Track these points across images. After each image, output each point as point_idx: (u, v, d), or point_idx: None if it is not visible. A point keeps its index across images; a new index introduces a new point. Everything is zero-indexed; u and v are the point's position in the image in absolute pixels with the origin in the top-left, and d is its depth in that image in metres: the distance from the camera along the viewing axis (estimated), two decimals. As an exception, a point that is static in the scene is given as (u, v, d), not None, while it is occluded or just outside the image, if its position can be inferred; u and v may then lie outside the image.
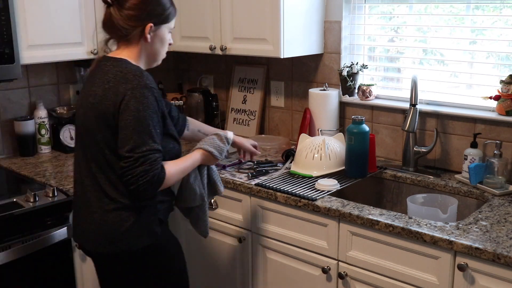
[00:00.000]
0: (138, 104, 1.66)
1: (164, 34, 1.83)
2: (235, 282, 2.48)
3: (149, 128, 1.67)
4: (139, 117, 1.66)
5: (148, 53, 1.83)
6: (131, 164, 1.64)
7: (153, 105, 1.69)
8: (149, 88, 1.69)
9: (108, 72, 1.74)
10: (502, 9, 2.32)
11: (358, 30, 2.73)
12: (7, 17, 2.26)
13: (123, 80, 1.69)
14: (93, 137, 1.74)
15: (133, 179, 1.65)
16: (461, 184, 2.27)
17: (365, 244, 1.99)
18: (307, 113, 2.71)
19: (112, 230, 1.75)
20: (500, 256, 1.64)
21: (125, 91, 1.67)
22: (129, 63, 1.76)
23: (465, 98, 2.42)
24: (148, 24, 1.76)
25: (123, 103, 1.66)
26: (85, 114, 1.77)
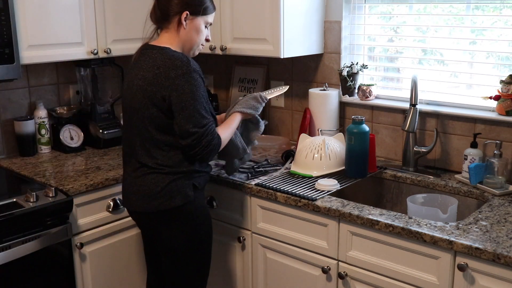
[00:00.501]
0: (191, 86, 1.94)
1: (199, 25, 2.07)
2: (235, 282, 2.49)
3: (204, 105, 1.97)
4: (195, 97, 1.94)
5: (184, 41, 2.07)
6: (198, 138, 1.94)
7: (202, 85, 1.98)
8: (196, 71, 1.96)
9: (156, 59, 1.98)
10: (502, 9, 2.32)
11: (358, 30, 2.73)
12: (7, 17, 2.26)
13: (173, 66, 1.94)
14: (140, 114, 2.00)
15: (200, 150, 1.96)
16: (461, 184, 2.27)
17: (365, 244, 1.99)
18: (307, 113, 2.71)
19: (149, 190, 2.02)
20: (500, 256, 1.64)
21: (176, 76, 1.93)
22: (174, 50, 2.02)
23: (465, 98, 2.42)
24: (185, 12, 2.02)
25: (178, 87, 1.92)
26: (133, 95, 2.03)
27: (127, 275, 2.53)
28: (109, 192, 2.40)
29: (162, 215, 2.03)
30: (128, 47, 2.74)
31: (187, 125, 1.94)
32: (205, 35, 2.12)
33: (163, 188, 2.00)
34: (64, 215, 2.21)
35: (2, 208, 2.06)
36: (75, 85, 2.97)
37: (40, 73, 2.83)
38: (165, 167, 2.01)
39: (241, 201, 2.36)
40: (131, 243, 2.51)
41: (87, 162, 2.65)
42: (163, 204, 2.01)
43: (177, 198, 2.01)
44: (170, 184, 2.01)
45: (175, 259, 2.11)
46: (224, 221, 2.46)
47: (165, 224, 2.06)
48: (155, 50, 2.02)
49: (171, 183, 2.01)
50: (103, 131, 2.87)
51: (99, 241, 2.39)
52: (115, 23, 2.68)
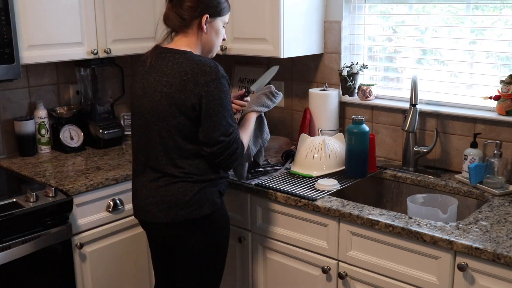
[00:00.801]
0: (221, 93, 1.88)
1: (218, 26, 2.02)
2: (235, 282, 2.49)
3: (230, 112, 1.93)
4: (223, 104, 1.89)
5: (204, 44, 2.01)
6: (224, 146, 1.90)
7: (228, 92, 1.93)
8: (224, 77, 1.92)
9: (182, 64, 1.89)
10: (502, 9, 2.32)
11: (358, 30, 2.73)
12: (7, 17, 2.25)
13: (202, 72, 1.87)
14: (165, 123, 1.90)
15: (225, 159, 1.92)
16: (461, 184, 2.27)
17: (365, 244, 1.99)
18: (307, 113, 2.71)
19: (176, 199, 1.93)
20: (500, 256, 1.64)
21: (206, 82, 1.86)
22: (198, 55, 1.96)
23: (465, 98, 2.43)
24: (205, 15, 1.95)
25: (207, 94, 1.86)
26: (156, 102, 1.92)
27: (127, 275, 2.53)
28: (109, 192, 2.39)
29: (189, 224, 1.95)
30: (128, 47, 2.74)
31: (214, 133, 1.88)
32: (223, 35, 2.08)
33: (191, 197, 1.92)
34: (64, 215, 2.21)
35: (2, 208, 2.06)
36: (75, 85, 2.97)
37: (40, 73, 2.83)
38: (192, 175, 1.93)
39: (241, 201, 2.36)
40: (131, 243, 2.51)
41: (87, 162, 2.65)
42: (192, 213, 1.93)
43: (206, 206, 1.95)
44: (200, 193, 1.93)
45: (194, 267, 2.04)
46: (224, 221, 2.46)
47: (190, 233, 1.98)
48: (177, 55, 1.92)
49: (200, 191, 1.94)
50: (103, 131, 2.87)
51: (99, 241, 2.39)
52: (115, 23, 2.68)
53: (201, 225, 1.97)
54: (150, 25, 2.80)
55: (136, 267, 2.55)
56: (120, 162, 2.60)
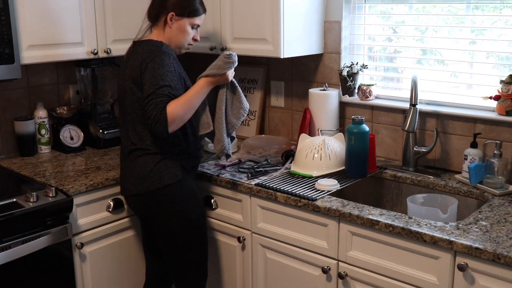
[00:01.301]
0: (155, 64, 2.07)
1: (184, 26, 2.22)
2: (235, 282, 2.49)
3: (159, 80, 2.04)
4: (154, 74, 2.05)
5: (169, 39, 2.23)
6: (145, 109, 2.04)
7: (168, 65, 2.09)
8: (165, 53, 2.11)
9: (139, 50, 2.16)
10: (502, 9, 2.32)
11: (358, 30, 2.73)
12: (7, 17, 2.25)
13: (148, 51, 2.12)
14: (129, 100, 2.16)
15: (149, 121, 2.04)
16: (461, 184, 2.27)
17: (365, 244, 1.99)
18: (307, 113, 2.71)
19: (139, 171, 2.16)
20: (500, 256, 1.64)
21: (146, 57, 2.09)
22: (155, 40, 2.18)
23: (465, 98, 2.42)
24: (170, 13, 2.19)
25: (145, 66, 2.07)
26: (123, 84, 2.19)
27: (127, 275, 2.53)
28: (109, 192, 2.39)
29: (153, 196, 2.15)
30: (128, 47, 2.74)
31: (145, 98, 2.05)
32: (191, 35, 2.26)
33: (152, 168, 2.13)
34: (64, 215, 2.21)
35: (2, 208, 2.06)
36: (75, 85, 2.97)
37: (40, 73, 2.83)
38: (153, 147, 2.14)
39: (241, 201, 2.36)
40: (131, 243, 2.52)
41: (87, 162, 2.65)
42: (154, 184, 2.13)
43: (165, 177, 2.14)
44: (159, 164, 2.14)
45: (171, 243, 2.22)
46: (224, 221, 2.46)
47: (157, 205, 2.16)
48: (142, 44, 2.19)
49: (159, 163, 2.14)
50: (103, 131, 2.87)
51: (99, 241, 2.39)
52: (115, 23, 2.68)
53: (164, 196, 2.15)
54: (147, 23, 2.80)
55: (136, 267, 2.55)
56: (120, 162, 2.61)
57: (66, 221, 2.22)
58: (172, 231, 2.20)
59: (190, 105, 2.13)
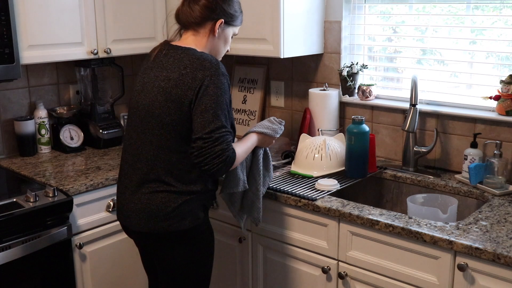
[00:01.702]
0: (217, 89, 1.78)
1: (229, 34, 1.98)
2: (235, 282, 2.49)
3: (225, 112, 1.79)
4: (218, 101, 1.77)
5: (212, 48, 1.95)
6: (211, 143, 1.74)
7: (228, 91, 1.83)
8: (224, 75, 1.83)
9: (183, 59, 1.83)
10: (502, 9, 2.32)
11: (358, 30, 2.73)
12: (7, 17, 2.25)
13: (201, 67, 1.80)
14: (159, 120, 1.83)
15: (210, 158, 1.74)
16: (461, 184, 2.27)
17: (365, 244, 1.99)
18: (307, 113, 2.71)
19: (158, 210, 1.84)
20: (500, 256, 1.64)
21: (204, 77, 1.78)
22: (200, 51, 1.88)
23: (465, 98, 2.42)
24: (220, 20, 1.91)
25: (202, 88, 1.77)
26: (153, 98, 1.85)
27: (127, 275, 2.53)
28: (109, 192, 2.39)
29: (169, 237, 1.89)
30: (128, 47, 2.74)
31: (202, 129, 1.75)
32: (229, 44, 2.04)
33: (174, 209, 1.84)
34: (64, 215, 2.21)
35: (2, 208, 2.06)
36: (75, 85, 2.97)
37: (40, 73, 2.83)
38: (178, 184, 1.85)
39: (241, 201, 2.36)
40: (131, 243, 2.50)
41: (87, 162, 2.65)
42: (173, 225, 1.85)
43: (187, 220, 1.87)
44: (182, 205, 1.85)
45: (174, 280, 1.99)
46: (224, 221, 2.46)
47: (170, 246, 1.91)
48: (180, 51, 1.87)
49: (183, 204, 1.85)
50: (103, 131, 2.87)
51: (99, 241, 2.39)
52: (115, 23, 2.68)
53: (181, 238, 1.89)
54: (150, 25, 2.80)
55: (136, 267, 2.55)
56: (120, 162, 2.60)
57: (66, 221, 2.22)
58: (178, 273, 1.96)
59: (245, 156, 1.98)
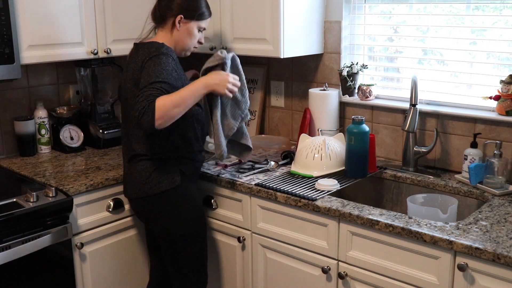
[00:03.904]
0: (153, 63, 2.02)
1: (192, 29, 2.21)
2: (235, 282, 2.49)
3: (153, 77, 1.97)
4: (149, 71, 2.00)
5: (176, 41, 2.21)
6: (134, 101, 1.98)
7: (167, 65, 2.03)
8: (165, 54, 2.06)
9: (140, 52, 2.12)
10: (502, 9, 2.32)
11: (358, 30, 2.73)
12: (7, 17, 2.26)
13: (148, 52, 2.07)
14: (130, 103, 2.09)
15: (136, 113, 1.93)
16: (461, 184, 2.27)
17: (365, 244, 1.99)
18: (307, 113, 2.71)
19: (138, 177, 2.16)
20: (500, 256, 1.64)
21: (147, 59, 2.04)
22: (156, 42, 2.14)
23: (465, 98, 2.42)
24: (179, 15, 2.17)
25: (145, 69, 2.02)
26: (125, 87, 2.16)
27: (127, 275, 2.53)
28: (109, 192, 2.40)
29: (152, 200, 2.15)
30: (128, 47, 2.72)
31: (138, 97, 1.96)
32: (197, 38, 2.26)
33: (151, 173, 2.14)
34: (64, 215, 2.21)
35: (2, 208, 2.06)
36: (75, 85, 2.97)
37: (40, 73, 2.83)
38: (155, 153, 2.13)
39: (241, 201, 2.36)
40: (131, 243, 2.52)
41: (87, 162, 2.65)
42: (152, 189, 2.13)
43: (164, 183, 2.14)
44: (158, 170, 2.14)
45: (170, 243, 2.22)
46: (224, 221, 2.46)
47: (156, 209, 2.17)
48: (145, 46, 2.14)
49: (158, 168, 2.14)
50: (103, 131, 2.87)
51: (99, 241, 2.39)
52: (115, 23, 2.68)
53: (163, 201, 2.15)
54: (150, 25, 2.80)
55: (136, 267, 2.55)
56: (120, 162, 2.60)
57: (66, 221, 2.22)
58: (171, 236, 2.21)
59: (182, 102, 1.97)
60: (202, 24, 2.25)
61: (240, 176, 2.38)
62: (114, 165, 2.57)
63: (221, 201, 2.45)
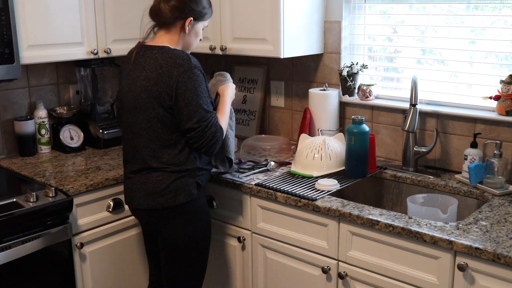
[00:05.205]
0: (194, 82, 2.00)
1: (199, 29, 2.18)
2: (235, 282, 2.49)
3: (206, 100, 2.03)
4: (197, 92, 2.00)
5: (184, 43, 2.16)
6: (201, 131, 2.00)
7: (203, 80, 2.04)
8: (197, 68, 2.03)
9: (158, 58, 2.02)
10: (502, 9, 2.32)
11: (358, 30, 2.73)
12: (7, 17, 2.25)
13: (175, 64, 1.99)
14: (146, 115, 2.04)
15: (205, 143, 2.02)
16: (461, 184, 2.27)
17: (365, 244, 1.99)
18: (307, 113, 2.71)
19: (154, 187, 2.06)
20: (500, 256, 1.64)
21: (179, 74, 1.98)
22: (173, 48, 2.07)
23: (465, 98, 2.42)
24: (189, 18, 2.10)
25: (180, 84, 1.97)
26: (137, 96, 2.06)
27: (127, 275, 2.53)
28: (109, 192, 2.40)
29: (166, 212, 2.08)
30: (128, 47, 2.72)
31: (191, 120, 1.99)
32: (200, 36, 2.23)
33: (168, 185, 2.05)
34: (64, 215, 2.21)
35: (2, 208, 2.06)
36: (75, 85, 2.97)
37: (40, 73, 2.83)
38: (170, 165, 2.05)
39: (241, 201, 2.36)
40: (131, 243, 2.51)
41: (87, 162, 2.65)
42: (168, 201, 2.06)
43: (181, 196, 2.06)
44: (175, 182, 2.06)
45: (174, 256, 2.15)
46: (224, 221, 2.46)
47: (168, 221, 2.10)
48: (155, 50, 2.06)
49: (176, 180, 2.06)
50: (103, 131, 2.87)
51: (99, 241, 2.39)
52: (115, 23, 2.68)
53: (177, 213, 2.09)
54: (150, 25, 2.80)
55: (136, 267, 2.55)
56: (120, 162, 2.60)
57: (66, 221, 2.22)
58: (177, 248, 2.13)
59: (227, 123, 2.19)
60: (207, 22, 2.22)
61: (240, 176, 2.38)
62: (114, 165, 2.57)
63: (221, 201, 2.45)
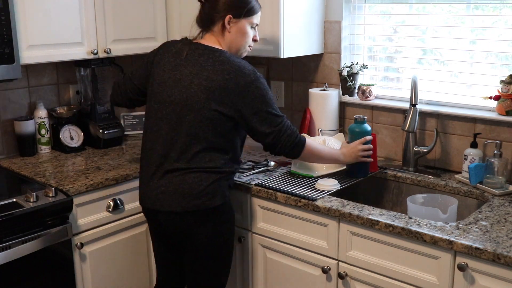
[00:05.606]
0: (262, 91, 2.01)
1: (244, 27, 2.08)
2: (235, 282, 2.49)
3: (275, 106, 2.06)
4: (266, 100, 2.02)
5: (229, 44, 2.09)
6: (277, 135, 2.04)
7: (268, 88, 2.07)
8: (262, 77, 2.05)
9: (224, 63, 2.00)
10: (502, 9, 2.32)
11: (358, 30, 2.73)
12: (7, 17, 2.25)
13: (241, 74, 1.99)
14: (199, 114, 1.99)
15: (283, 147, 2.07)
16: (461, 184, 2.27)
17: (365, 244, 1.99)
18: (307, 113, 2.71)
19: (190, 188, 2.00)
20: (500, 256, 1.64)
21: (246, 83, 1.99)
22: (234, 56, 2.06)
23: (465, 98, 2.43)
24: (228, 15, 2.03)
25: (249, 94, 1.99)
26: (192, 94, 2.00)
27: (127, 275, 2.53)
28: (109, 192, 2.39)
29: (200, 214, 2.03)
30: (128, 47, 2.74)
31: (263, 127, 2.02)
32: (251, 36, 2.13)
33: (206, 187, 2.01)
34: (64, 215, 2.21)
35: (2, 208, 2.06)
36: (75, 85, 2.97)
37: (40, 73, 2.83)
38: (211, 167, 2.02)
39: (241, 201, 2.36)
40: (131, 243, 2.51)
41: (87, 162, 2.65)
42: (205, 203, 2.01)
43: (217, 198, 2.04)
44: (213, 184, 2.02)
45: (202, 257, 2.11)
46: (224, 221, 2.46)
47: (200, 222, 2.04)
48: (217, 53, 2.03)
49: (214, 182, 2.02)
50: (103, 131, 2.87)
51: (99, 241, 2.39)
52: (115, 23, 2.68)
53: (210, 215, 2.04)
54: (150, 25, 2.80)
55: (136, 267, 2.55)
56: (120, 162, 2.60)
57: (66, 221, 2.22)
58: (210, 249, 2.09)
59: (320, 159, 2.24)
60: (253, 19, 2.09)
61: (240, 176, 2.38)
62: (114, 165, 2.57)
63: (221, 201, 2.45)
